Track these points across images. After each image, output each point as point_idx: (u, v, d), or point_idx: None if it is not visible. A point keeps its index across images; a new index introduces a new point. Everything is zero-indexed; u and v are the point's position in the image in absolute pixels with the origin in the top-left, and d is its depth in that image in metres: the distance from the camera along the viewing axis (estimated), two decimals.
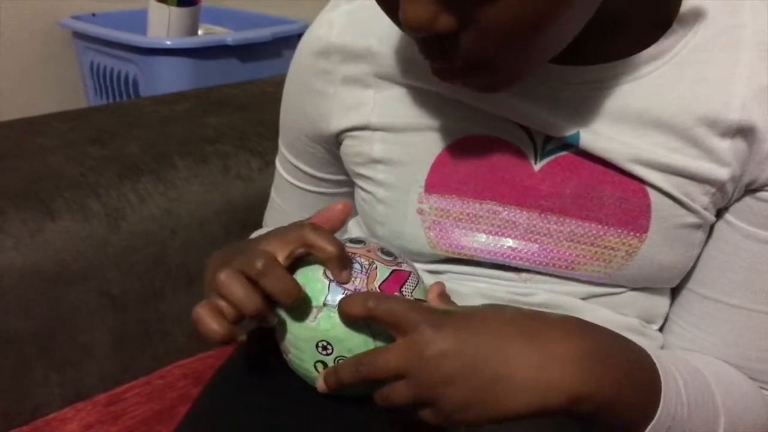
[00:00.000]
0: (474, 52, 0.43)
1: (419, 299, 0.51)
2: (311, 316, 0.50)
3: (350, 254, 0.51)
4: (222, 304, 0.47)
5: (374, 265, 0.51)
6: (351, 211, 0.53)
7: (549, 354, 0.45)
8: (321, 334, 0.50)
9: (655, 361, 0.50)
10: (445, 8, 0.41)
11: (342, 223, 0.53)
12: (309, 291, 0.50)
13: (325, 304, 0.50)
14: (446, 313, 0.47)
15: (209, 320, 0.47)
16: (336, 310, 0.49)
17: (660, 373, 0.49)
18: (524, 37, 0.42)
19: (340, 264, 0.49)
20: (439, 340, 0.46)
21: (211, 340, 0.48)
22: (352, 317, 0.48)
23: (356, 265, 0.51)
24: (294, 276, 0.51)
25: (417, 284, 0.52)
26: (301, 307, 0.50)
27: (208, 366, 0.91)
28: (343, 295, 0.49)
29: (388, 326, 0.47)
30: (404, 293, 0.51)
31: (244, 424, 0.55)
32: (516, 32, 0.41)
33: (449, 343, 0.45)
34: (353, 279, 0.50)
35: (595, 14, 0.46)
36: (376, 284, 0.50)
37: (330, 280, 0.50)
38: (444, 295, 0.53)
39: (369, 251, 0.52)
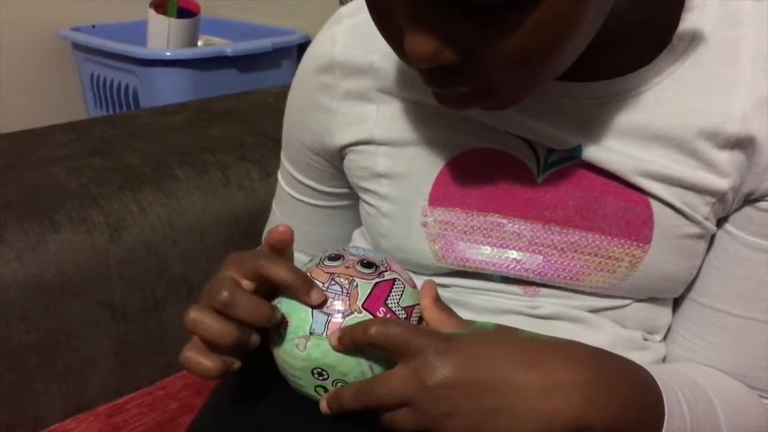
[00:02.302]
0: (478, 81, 0.44)
1: (408, 306, 0.51)
2: (300, 346, 0.50)
3: (329, 275, 0.51)
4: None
5: (354, 283, 0.50)
6: (291, 233, 0.52)
7: (553, 382, 0.46)
8: (313, 362, 0.50)
9: (657, 382, 0.50)
10: (449, 42, 0.41)
11: (287, 244, 0.52)
12: (294, 320, 0.50)
13: (311, 333, 0.49)
14: (449, 339, 0.47)
15: (199, 359, 0.48)
16: (323, 337, 0.49)
17: (663, 395, 0.49)
18: (528, 67, 0.42)
19: (302, 289, 0.49)
20: (443, 368, 0.46)
21: (207, 378, 0.48)
22: (349, 347, 0.48)
23: (336, 287, 0.50)
24: (278, 305, 0.51)
25: (403, 291, 0.52)
26: (290, 338, 0.50)
27: None
28: (327, 321, 0.49)
29: (389, 351, 0.48)
30: (390, 306, 0.50)
31: None
32: (519, 63, 0.42)
33: (453, 372, 0.45)
34: (335, 302, 0.50)
35: (598, 32, 0.46)
36: (359, 303, 0.50)
37: (312, 308, 0.50)
38: (438, 301, 0.52)
39: (348, 267, 0.52)
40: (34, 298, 0.79)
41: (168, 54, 1.70)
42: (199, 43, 1.89)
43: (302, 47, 1.81)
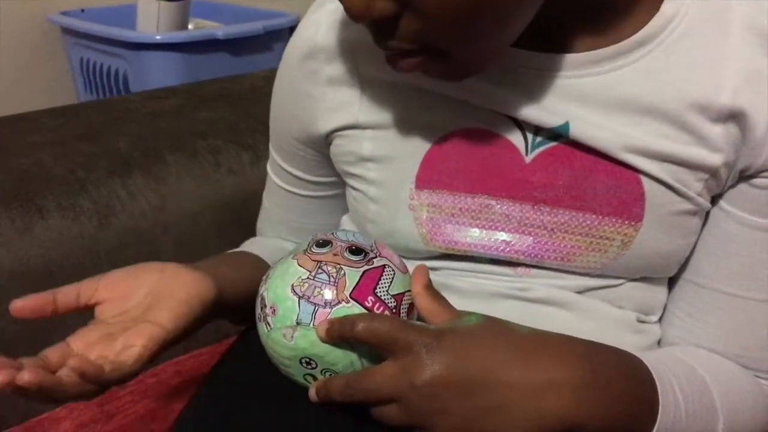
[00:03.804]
0: (416, 36, 0.44)
1: (398, 294, 0.51)
2: (287, 336, 0.49)
3: (316, 262, 0.50)
4: None
5: (342, 272, 0.50)
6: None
7: (544, 381, 0.45)
8: (301, 352, 0.49)
9: (652, 372, 0.50)
10: None
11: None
12: (280, 309, 0.50)
13: (298, 323, 0.49)
14: (438, 335, 0.46)
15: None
16: (311, 327, 0.48)
17: (657, 386, 0.49)
18: (463, 22, 0.42)
19: None
20: (432, 366, 0.45)
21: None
22: (337, 341, 0.48)
23: (323, 275, 0.49)
24: (264, 293, 0.51)
25: (393, 278, 0.51)
26: (276, 327, 0.50)
27: (202, 363, 0.90)
28: (314, 311, 0.49)
29: (376, 347, 0.47)
30: (378, 294, 0.50)
31: (241, 422, 0.54)
32: (451, 16, 0.42)
33: (442, 370, 0.45)
34: (322, 291, 0.49)
35: (576, 0, 0.45)
36: (347, 293, 0.49)
37: (299, 297, 0.49)
38: (429, 287, 0.52)
39: (335, 255, 0.51)
40: (22, 285, 0.78)
41: (158, 37, 1.69)
42: (190, 27, 1.88)
43: (293, 30, 1.80)
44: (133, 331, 0.50)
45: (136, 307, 0.53)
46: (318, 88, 0.60)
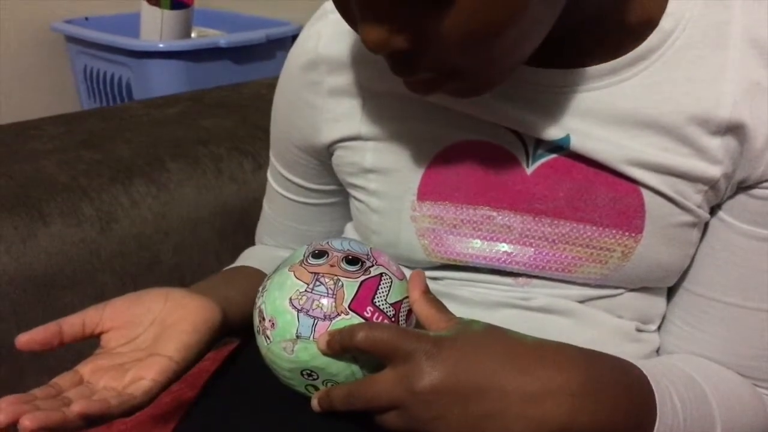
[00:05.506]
0: (435, 64, 0.44)
1: (396, 302, 0.51)
2: (288, 349, 0.49)
3: (313, 274, 0.50)
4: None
5: (340, 283, 0.50)
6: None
7: (542, 388, 0.45)
8: (302, 365, 0.49)
9: (650, 380, 0.50)
10: (399, 28, 0.42)
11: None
12: (279, 323, 0.50)
13: (298, 336, 0.49)
14: (438, 343, 0.47)
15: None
16: (311, 341, 0.49)
17: (655, 394, 0.49)
18: (481, 46, 0.42)
19: None
20: (432, 373, 0.45)
21: None
22: (337, 352, 0.48)
23: (321, 287, 0.49)
24: (262, 307, 0.51)
25: (390, 286, 0.51)
26: (276, 340, 0.50)
27: (203, 370, 0.89)
28: (314, 324, 0.49)
29: (377, 356, 0.47)
30: (377, 304, 0.50)
31: (242, 429, 0.54)
32: (471, 42, 0.42)
33: (441, 378, 0.45)
34: (321, 304, 0.49)
35: (577, 17, 0.46)
36: (346, 304, 0.49)
37: (298, 310, 0.49)
38: (427, 294, 0.52)
39: (332, 266, 0.51)
40: (24, 291, 0.79)
41: (161, 46, 1.70)
42: (193, 35, 1.89)
43: (296, 38, 1.80)
44: (143, 364, 0.50)
45: (143, 336, 0.53)
46: (319, 98, 0.60)
